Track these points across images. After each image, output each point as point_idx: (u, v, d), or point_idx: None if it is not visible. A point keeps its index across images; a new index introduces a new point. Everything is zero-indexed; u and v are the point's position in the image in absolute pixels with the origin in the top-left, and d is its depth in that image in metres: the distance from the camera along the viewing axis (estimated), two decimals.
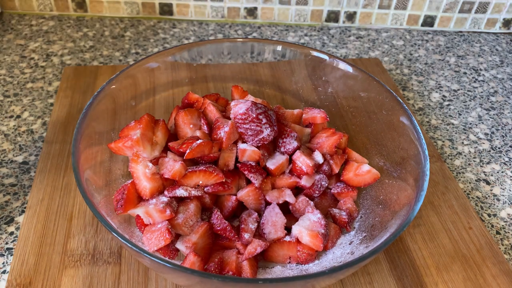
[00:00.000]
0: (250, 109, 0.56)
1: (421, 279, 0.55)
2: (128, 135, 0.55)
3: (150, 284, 0.53)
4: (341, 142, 0.63)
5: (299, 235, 0.53)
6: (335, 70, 0.69)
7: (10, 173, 0.67)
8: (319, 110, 0.65)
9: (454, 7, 1.05)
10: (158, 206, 0.50)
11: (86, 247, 0.56)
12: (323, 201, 0.60)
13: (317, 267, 0.53)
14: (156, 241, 0.49)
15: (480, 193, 0.70)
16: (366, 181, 0.60)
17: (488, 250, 0.59)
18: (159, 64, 0.67)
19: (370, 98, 0.66)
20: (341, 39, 1.04)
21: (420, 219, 0.62)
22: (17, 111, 0.78)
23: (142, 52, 0.95)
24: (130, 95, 0.65)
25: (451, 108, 0.86)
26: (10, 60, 0.90)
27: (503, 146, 0.78)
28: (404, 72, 0.95)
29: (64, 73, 0.83)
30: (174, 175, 0.53)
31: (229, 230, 0.52)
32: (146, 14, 1.05)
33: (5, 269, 0.56)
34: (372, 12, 1.06)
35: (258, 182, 0.55)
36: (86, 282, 0.53)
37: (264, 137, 0.57)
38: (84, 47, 0.95)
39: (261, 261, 0.54)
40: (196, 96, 0.65)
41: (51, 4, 1.03)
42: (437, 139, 0.79)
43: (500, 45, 1.05)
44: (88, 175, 0.52)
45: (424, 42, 1.05)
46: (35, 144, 0.72)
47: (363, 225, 0.57)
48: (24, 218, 0.59)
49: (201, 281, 0.43)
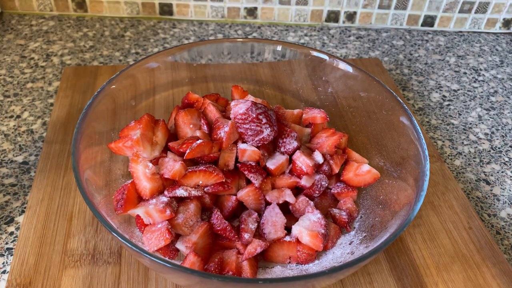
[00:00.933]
0: (250, 109, 0.56)
1: (421, 279, 0.55)
2: (128, 135, 0.55)
3: (150, 284, 0.53)
4: (341, 142, 0.63)
5: (299, 235, 0.53)
6: (335, 70, 0.69)
7: (10, 173, 0.67)
8: (319, 110, 0.65)
9: (454, 7, 1.05)
10: (158, 206, 0.50)
11: (86, 247, 0.56)
12: (323, 201, 0.60)
13: (317, 267, 0.53)
14: (156, 241, 0.49)
15: (480, 193, 0.70)
16: (366, 181, 0.60)
17: (488, 250, 0.59)
18: (159, 64, 0.67)
19: (370, 98, 0.66)
20: (341, 39, 1.04)
21: (420, 219, 0.62)
22: (17, 111, 0.78)
23: (142, 52, 0.95)
24: (130, 95, 0.65)
25: (451, 108, 0.86)
26: (10, 60, 0.90)
27: (503, 146, 0.78)
28: (404, 72, 0.95)
29: (64, 73, 0.83)
30: (174, 175, 0.53)
31: (229, 230, 0.52)
32: (146, 14, 1.05)
33: (5, 269, 0.56)
34: (372, 12, 1.06)
35: (258, 182, 0.55)
36: (86, 282, 0.53)
37: (264, 137, 0.57)
38: (84, 47, 0.95)
39: (261, 261, 0.54)
40: (196, 96, 0.65)
41: (51, 4, 1.03)
42: (437, 139, 0.79)
43: (500, 45, 1.05)
44: (88, 175, 0.52)
45: (424, 42, 1.05)
46: (35, 144, 0.72)
47: (363, 225, 0.57)
48: (24, 218, 0.59)
49: (201, 281, 0.43)
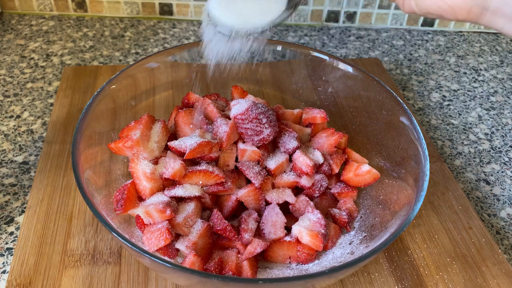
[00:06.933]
0: (250, 109, 0.56)
1: (421, 279, 0.55)
2: (128, 135, 0.55)
3: (150, 284, 0.53)
4: (341, 142, 0.63)
5: (299, 235, 0.53)
6: (335, 70, 0.69)
7: (10, 173, 0.67)
8: (319, 110, 0.65)
9: None
10: (158, 206, 0.50)
11: (86, 247, 0.56)
12: (323, 201, 0.60)
13: (317, 267, 0.53)
14: (156, 241, 0.49)
15: (480, 193, 0.70)
16: (366, 181, 0.60)
17: (488, 250, 0.59)
18: (159, 64, 0.67)
19: (370, 98, 0.66)
20: (341, 39, 1.04)
21: (420, 219, 0.62)
22: (17, 111, 0.78)
23: (142, 52, 0.95)
24: (130, 95, 0.65)
25: (451, 108, 0.86)
26: (10, 60, 0.90)
27: (503, 146, 0.78)
28: (404, 72, 0.95)
29: (64, 73, 0.83)
30: (174, 175, 0.53)
31: (229, 230, 0.52)
32: (146, 14, 1.05)
33: (5, 269, 0.56)
34: (372, 12, 1.06)
35: (258, 182, 0.55)
36: (86, 282, 0.53)
37: (264, 137, 0.57)
38: (84, 47, 0.95)
39: (261, 261, 0.54)
40: (196, 96, 0.65)
41: (51, 4, 1.03)
42: (437, 139, 0.79)
43: (500, 45, 1.05)
44: (88, 175, 0.52)
45: (424, 42, 1.05)
46: (35, 144, 0.72)
47: (363, 225, 0.57)
48: (24, 218, 0.59)
49: (201, 281, 0.43)
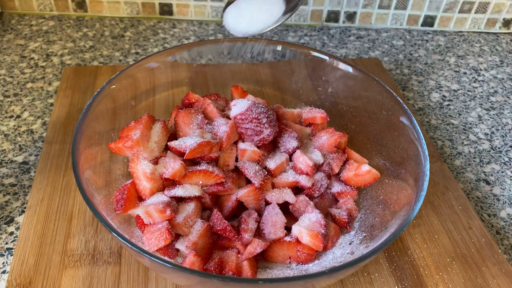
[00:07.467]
0: (250, 109, 0.56)
1: (421, 279, 0.55)
2: (128, 135, 0.55)
3: (150, 284, 0.53)
4: (341, 142, 0.63)
5: (299, 235, 0.53)
6: (335, 70, 0.69)
7: (10, 173, 0.67)
8: (319, 110, 0.65)
9: (454, 7, 1.05)
10: (158, 206, 0.50)
11: (86, 247, 0.56)
12: (323, 201, 0.60)
13: (317, 267, 0.53)
14: (156, 241, 0.49)
15: (480, 193, 0.70)
16: (366, 181, 0.60)
17: (488, 250, 0.59)
18: (159, 64, 0.67)
19: (370, 98, 0.66)
20: (341, 39, 1.04)
21: (420, 219, 0.62)
22: (17, 111, 0.78)
23: (142, 52, 0.95)
24: (130, 95, 0.65)
25: (451, 108, 0.86)
26: (10, 60, 0.90)
27: (503, 146, 0.78)
28: (404, 72, 0.95)
29: (64, 73, 0.83)
30: (174, 175, 0.53)
31: (229, 230, 0.52)
32: (146, 14, 1.05)
33: (5, 269, 0.56)
34: (372, 12, 1.06)
35: (258, 182, 0.55)
36: (86, 282, 0.53)
37: (264, 137, 0.57)
38: (84, 47, 0.95)
39: (261, 261, 0.54)
40: (196, 96, 0.65)
41: (51, 4, 1.03)
42: (437, 139, 0.79)
43: (500, 45, 1.05)
44: (88, 175, 0.52)
45: (424, 42, 1.05)
46: (35, 144, 0.72)
47: (363, 225, 0.57)
48: (24, 218, 0.59)
49: (201, 281, 0.43)
